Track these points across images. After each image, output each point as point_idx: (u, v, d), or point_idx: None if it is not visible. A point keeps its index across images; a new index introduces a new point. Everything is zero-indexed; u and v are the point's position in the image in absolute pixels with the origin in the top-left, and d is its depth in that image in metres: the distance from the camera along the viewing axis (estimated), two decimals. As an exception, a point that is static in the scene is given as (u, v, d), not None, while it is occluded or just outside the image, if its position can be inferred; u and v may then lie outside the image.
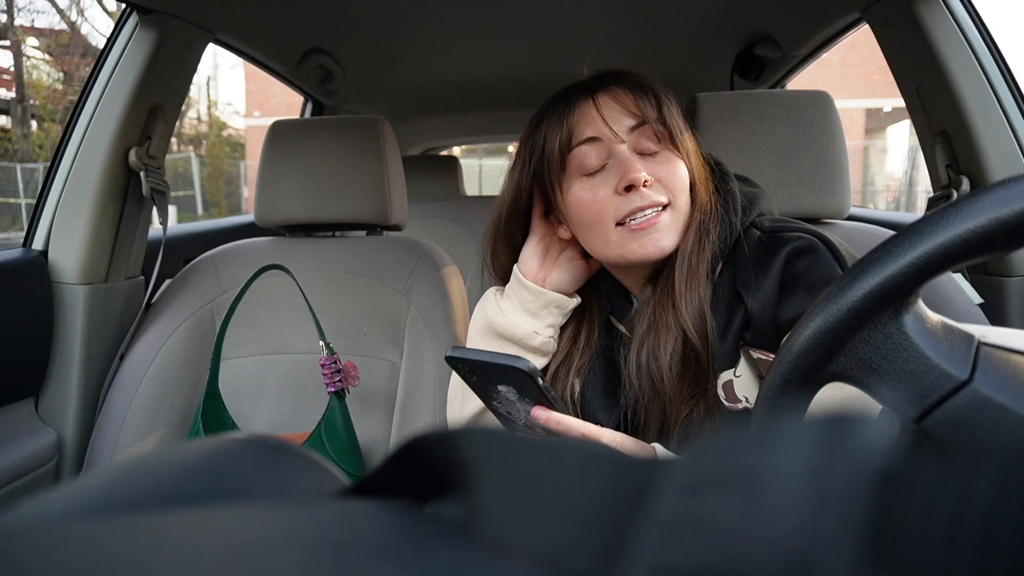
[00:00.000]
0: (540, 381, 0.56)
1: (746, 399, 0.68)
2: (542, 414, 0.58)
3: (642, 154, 0.73)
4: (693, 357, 0.70)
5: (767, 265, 0.69)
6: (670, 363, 0.70)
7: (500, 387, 0.59)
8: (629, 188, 0.70)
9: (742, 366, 0.69)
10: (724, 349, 0.70)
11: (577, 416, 0.70)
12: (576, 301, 0.81)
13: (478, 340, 0.83)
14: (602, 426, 0.65)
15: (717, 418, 0.69)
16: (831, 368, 0.41)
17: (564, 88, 0.78)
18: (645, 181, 0.70)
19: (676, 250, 0.73)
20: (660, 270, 0.76)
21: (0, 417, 1.07)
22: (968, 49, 1.05)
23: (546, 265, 0.81)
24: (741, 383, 0.69)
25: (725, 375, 0.70)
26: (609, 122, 0.72)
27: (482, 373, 0.59)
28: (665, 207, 0.72)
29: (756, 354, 0.68)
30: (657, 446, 0.64)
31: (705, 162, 0.78)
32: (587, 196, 0.73)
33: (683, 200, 0.73)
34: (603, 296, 0.83)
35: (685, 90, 1.24)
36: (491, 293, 0.85)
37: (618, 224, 0.72)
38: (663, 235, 0.72)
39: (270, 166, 1.26)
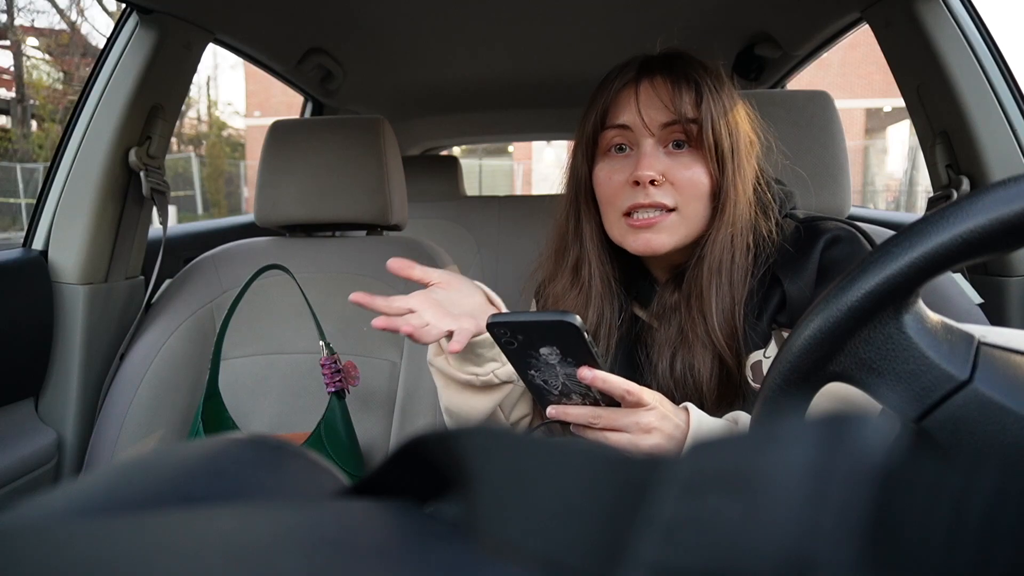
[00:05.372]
0: (587, 335, 0.56)
1: None
2: (588, 373, 0.58)
3: (668, 149, 0.73)
4: (727, 369, 0.71)
5: (807, 251, 0.70)
6: (710, 373, 0.70)
7: (543, 349, 0.59)
8: (638, 183, 0.71)
9: (772, 348, 0.70)
10: (757, 330, 0.70)
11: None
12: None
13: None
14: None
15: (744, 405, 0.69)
16: (831, 368, 0.41)
17: (618, 65, 0.77)
18: (653, 180, 0.70)
19: (703, 256, 0.72)
20: (686, 264, 0.75)
21: (0, 417, 1.07)
22: (968, 49, 1.05)
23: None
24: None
25: (755, 355, 0.70)
26: (643, 113, 0.72)
27: (525, 336, 0.58)
28: (671, 211, 0.72)
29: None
30: (690, 406, 0.63)
31: (758, 165, 0.76)
32: (604, 177, 0.75)
33: (695, 208, 0.72)
34: (628, 280, 0.80)
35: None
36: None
37: (624, 214, 0.73)
38: (657, 236, 0.72)
39: (270, 166, 1.26)
